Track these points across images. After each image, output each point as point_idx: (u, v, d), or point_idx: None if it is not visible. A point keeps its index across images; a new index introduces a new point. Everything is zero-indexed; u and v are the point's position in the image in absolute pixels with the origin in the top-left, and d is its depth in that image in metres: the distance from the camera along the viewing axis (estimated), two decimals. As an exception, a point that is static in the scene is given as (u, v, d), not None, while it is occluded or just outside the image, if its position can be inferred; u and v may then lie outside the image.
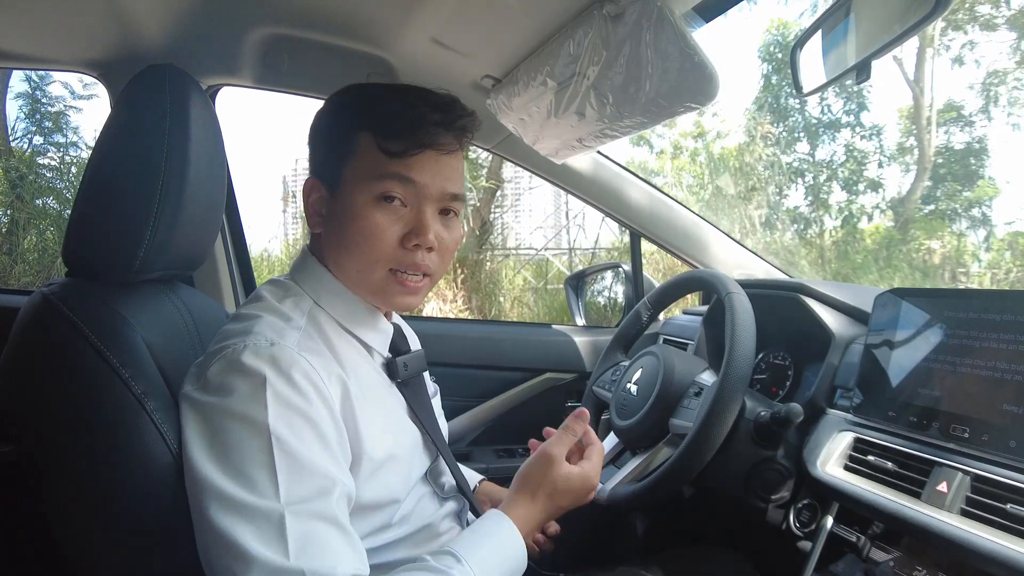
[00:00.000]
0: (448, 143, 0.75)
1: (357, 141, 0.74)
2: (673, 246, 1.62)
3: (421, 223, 0.73)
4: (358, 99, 0.77)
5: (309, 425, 0.64)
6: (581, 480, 0.79)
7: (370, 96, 0.77)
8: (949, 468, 0.74)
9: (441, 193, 0.75)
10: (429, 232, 0.73)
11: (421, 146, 0.72)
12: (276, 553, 0.57)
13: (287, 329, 0.70)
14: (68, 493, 0.68)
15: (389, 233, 0.73)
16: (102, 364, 0.67)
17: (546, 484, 0.78)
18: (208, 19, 1.10)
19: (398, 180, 0.72)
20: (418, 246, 0.74)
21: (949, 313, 0.82)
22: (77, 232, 0.76)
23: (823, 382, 0.99)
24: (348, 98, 0.78)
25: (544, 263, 6.98)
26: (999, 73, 6.92)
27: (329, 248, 0.77)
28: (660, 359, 1.01)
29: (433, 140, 0.73)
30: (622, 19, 0.86)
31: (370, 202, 0.72)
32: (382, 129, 0.72)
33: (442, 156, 0.75)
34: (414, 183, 0.73)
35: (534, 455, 0.81)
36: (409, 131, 0.72)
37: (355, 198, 0.73)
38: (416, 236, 0.73)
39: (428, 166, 0.73)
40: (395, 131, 0.72)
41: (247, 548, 0.57)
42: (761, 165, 7.24)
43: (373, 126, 0.73)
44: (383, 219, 0.72)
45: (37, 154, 5.25)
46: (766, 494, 0.92)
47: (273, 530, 0.58)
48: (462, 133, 0.77)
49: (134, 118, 0.77)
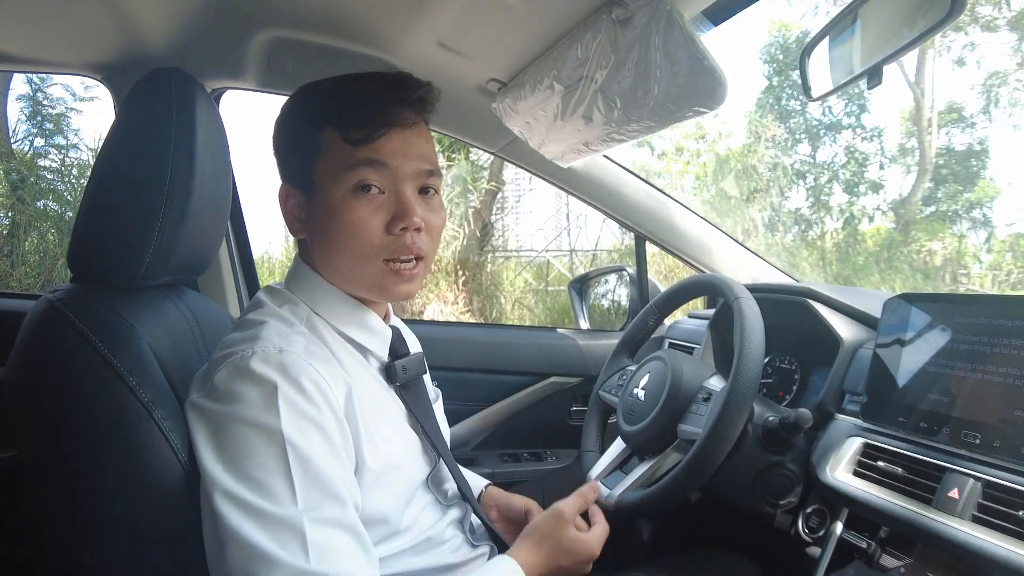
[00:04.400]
0: (410, 118, 0.74)
1: (321, 139, 0.73)
2: (678, 249, 1.62)
3: (403, 206, 0.72)
4: (314, 97, 0.77)
5: (320, 432, 0.63)
6: (584, 547, 0.80)
7: (326, 91, 0.76)
8: (960, 474, 0.74)
9: (416, 171, 0.74)
10: (414, 213, 0.72)
11: (384, 125, 0.72)
12: (298, 559, 0.57)
13: (293, 335, 0.69)
14: (73, 500, 0.68)
15: (373, 223, 0.72)
16: (109, 371, 0.66)
17: (552, 538, 0.79)
18: (213, 22, 1.09)
19: (369, 165, 0.71)
20: (405, 229, 0.73)
21: (960, 318, 0.81)
22: (82, 237, 0.75)
23: (832, 387, 0.99)
24: (304, 98, 0.78)
25: (545, 265, 6.97)
26: (1000, 74, 6.92)
27: (317, 251, 0.77)
28: (668, 364, 1.00)
29: (395, 118, 0.73)
30: (631, 23, 0.85)
31: (347, 196, 0.72)
32: (343, 121, 0.72)
33: (407, 133, 0.74)
34: (386, 165, 0.72)
35: (547, 511, 0.83)
36: (368, 115, 0.72)
37: (331, 195, 0.72)
38: (401, 219, 0.72)
39: (396, 146, 0.73)
40: (355, 119, 0.71)
41: (269, 551, 0.57)
42: (763, 167, 7.24)
43: (334, 122, 0.72)
44: (363, 210, 0.72)
45: (38, 156, 5.25)
46: (774, 499, 0.91)
47: (293, 536, 0.58)
48: (422, 105, 0.76)
49: (139, 122, 0.77)
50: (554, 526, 0.80)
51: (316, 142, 0.73)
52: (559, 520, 0.81)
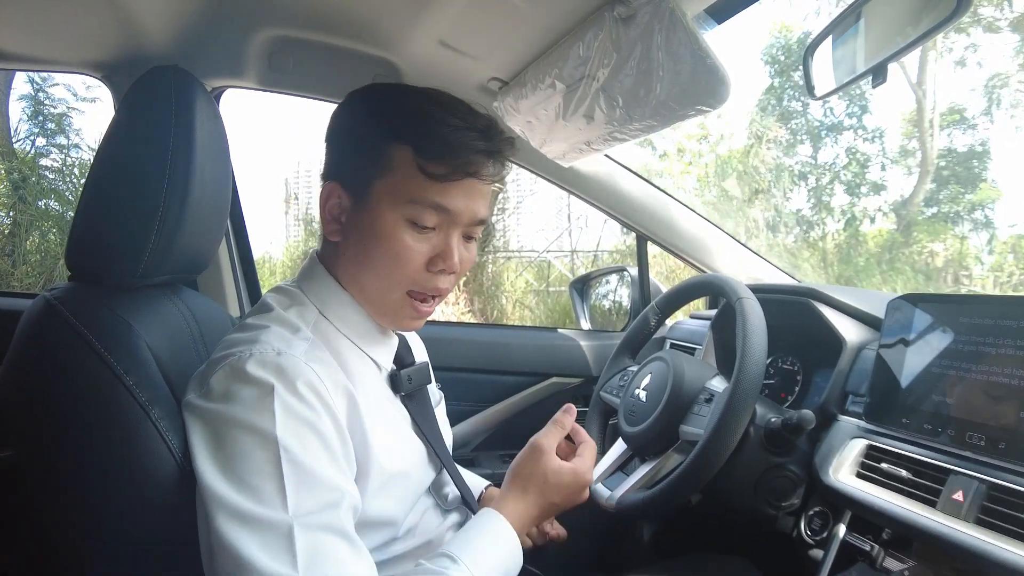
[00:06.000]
0: (490, 173, 0.73)
1: (392, 155, 0.70)
2: (679, 250, 1.61)
3: (449, 248, 0.72)
4: (394, 106, 0.73)
5: (316, 436, 0.62)
6: (573, 475, 0.78)
7: (408, 105, 0.73)
8: (965, 476, 0.73)
9: (472, 220, 0.73)
10: (455, 257, 0.72)
11: (465, 175, 0.70)
12: (284, 565, 0.56)
13: (295, 340, 0.69)
14: (70, 499, 0.67)
15: (416, 256, 0.71)
16: (105, 370, 0.66)
17: (536, 476, 0.77)
18: (213, 21, 1.09)
19: (434, 208, 0.70)
20: (443, 271, 0.73)
21: (964, 319, 0.81)
22: (80, 236, 0.75)
23: (834, 388, 0.98)
24: (380, 103, 0.74)
25: (546, 265, 6.97)
26: (1001, 76, 6.91)
27: (347, 261, 0.75)
28: (669, 365, 1.00)
29: (477, 169, 0.71)
30: (633, 21, 0.85)
31: (401, 223, 0.70)
32: (422, 148, 0.69)
33: (482, 185, 0.73)
34: (450, 212, 0.71)
35: (524, 448, 0.80)
36: (452, 156, 0.69)
37: (385, 216, 0.70)
38: (443, 261, 0.72)
39: (465, 194, 0.71)
40: (437, 153, 0.69)
41: (253, 560, 0.56)
42: (765, 168, 7.23)
43: (413, 142, 0.69)
44: (412, 243, 0.71)
45: (40, 156, 5.26)
46: (776, 501, 0.91)
47: (281, 542, 0.57)
48: (503, 163, 0.75)
49: (138, 120, 0.76)
50: (536, 462, 0.78)
51: (385, 155, 0.70)
52: (539, 454, 0.78)
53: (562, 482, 0.77)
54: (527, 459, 0.79)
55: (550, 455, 0.78)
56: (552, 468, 0.77)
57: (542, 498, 0.77)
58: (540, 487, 0.77)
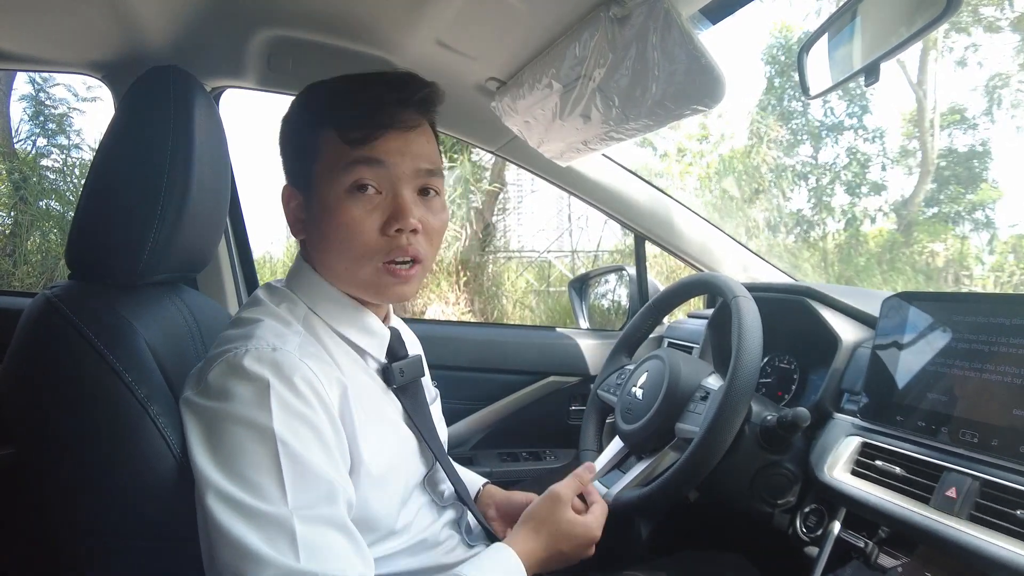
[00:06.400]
0: (410, 118, 0.73)
1: (320, 139, 0.72)
2: (678, 249, 1.62)
3: (399, 206, 0.71)
4: (316, 97, 0.76)
5: (312, 431, 0.63)
6: (584, 528, 0.80)
7: (327, 92, 0.75)
8: (958, 473, 0.74)
9: (414, 171, 0.73)
10: (410, 214, 0.71)
11: (382, 127, 0.71)
12: (287, 557, 0.57)
13: (288, 334, 0.69)
14: (70, 497, 0.67)
15: (368, 223, 0.71)
16: (105, 367, 0.66)
17: (549, 522, 0.79)
18: (213, 21, 1.09)
19: (365, 164, 0.70)
20: (400, 230, 0.71)
21: (958, 317, 0.81)
22: (80, 234, 0.75)
23: (830, 386, 0.98)
24: (307, 98, 0.77)
25: (546, 266, 6.97)
26: (1002, 76, 6.90)
27: (316, 252, 0.76)
28: (666, 363, 1.00)
29: (394, 119, 0.71)
30: (628, 21, 0.85)
31: (343, 196, 0.71)
32: (342, 121, 0.71)
33: (408, 133, 0.73)
34: (383, 163, 0.71)
35: (543, 495, 0.82)
36: (367, 115, 0.71)
37: (328, 195, 0.71)
38: (396, 220, 0.71)
39: (394, 146, 0.71)
40: (354, 119, 0.71)
41: (258, 551, 0.57)
42: (765, 167, 7.23)
43: (333, 121, 0.71)
44: (359, 211, 0.71)
45: (41, 156, 5.27)
46: (772, 499, 0.91)
47: (283, 535, 0.58)
48: (425, 106, 0.75)
49: (138, 120, 0.77)
50: (551, 510, 0.80)
51: (316, 142, 0.73)
52: (556, 503, 0.80)
53: (573, 532, 0.79)
54: (544, 505, 0.81)
55: (566, 505, 0.80)
56: (567, 518, 0.80)
57: (552, 544, 0.78)
58: (552, 533, 0.78)
